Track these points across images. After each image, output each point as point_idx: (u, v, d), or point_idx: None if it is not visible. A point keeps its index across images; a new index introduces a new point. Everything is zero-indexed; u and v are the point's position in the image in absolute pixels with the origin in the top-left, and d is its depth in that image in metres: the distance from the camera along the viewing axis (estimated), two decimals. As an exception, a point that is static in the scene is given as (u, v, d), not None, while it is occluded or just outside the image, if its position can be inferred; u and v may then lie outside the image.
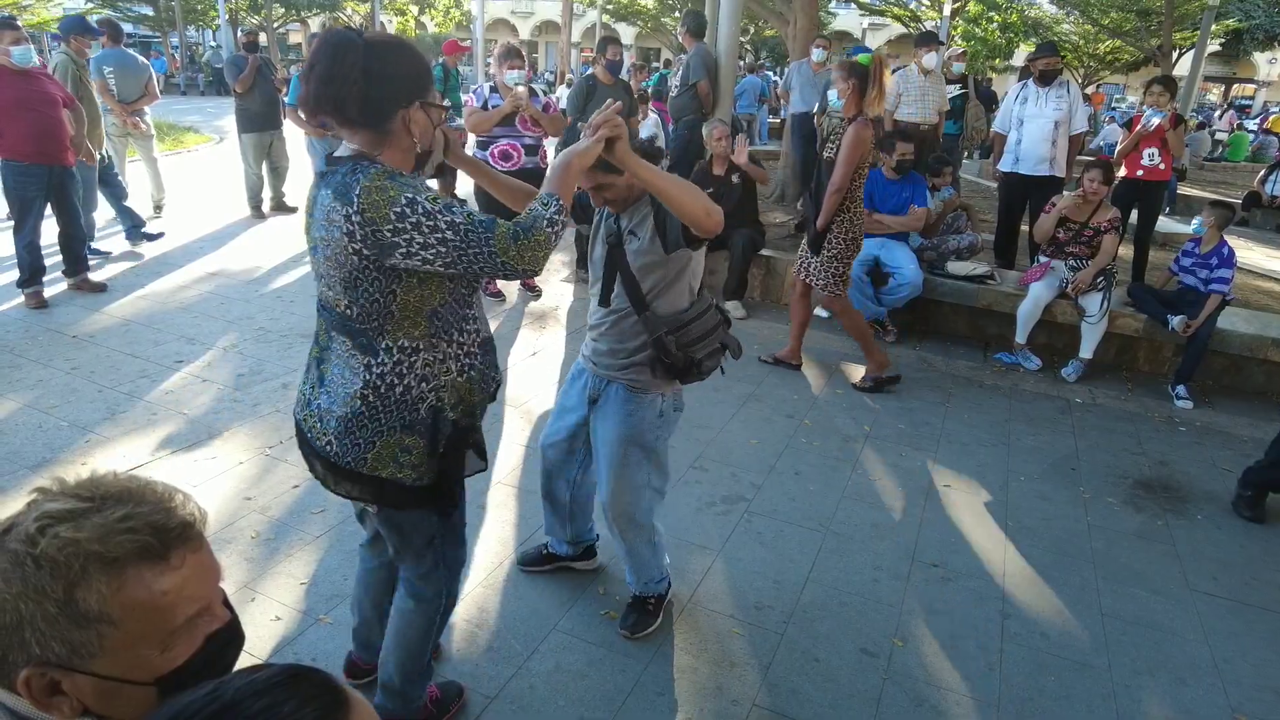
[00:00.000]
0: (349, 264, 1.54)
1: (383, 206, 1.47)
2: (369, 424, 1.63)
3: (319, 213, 1.56)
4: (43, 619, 0.76)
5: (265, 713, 0.60)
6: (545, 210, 1.58)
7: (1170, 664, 2.55)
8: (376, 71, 1.50)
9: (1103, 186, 4.83)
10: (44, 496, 0.81)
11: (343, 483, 1.70)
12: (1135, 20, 19.62)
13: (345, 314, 1.60)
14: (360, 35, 1.53)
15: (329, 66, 1.50)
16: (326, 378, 1.67)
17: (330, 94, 1.51)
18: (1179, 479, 3.78)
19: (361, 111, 1.52)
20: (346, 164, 1.55)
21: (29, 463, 3.19)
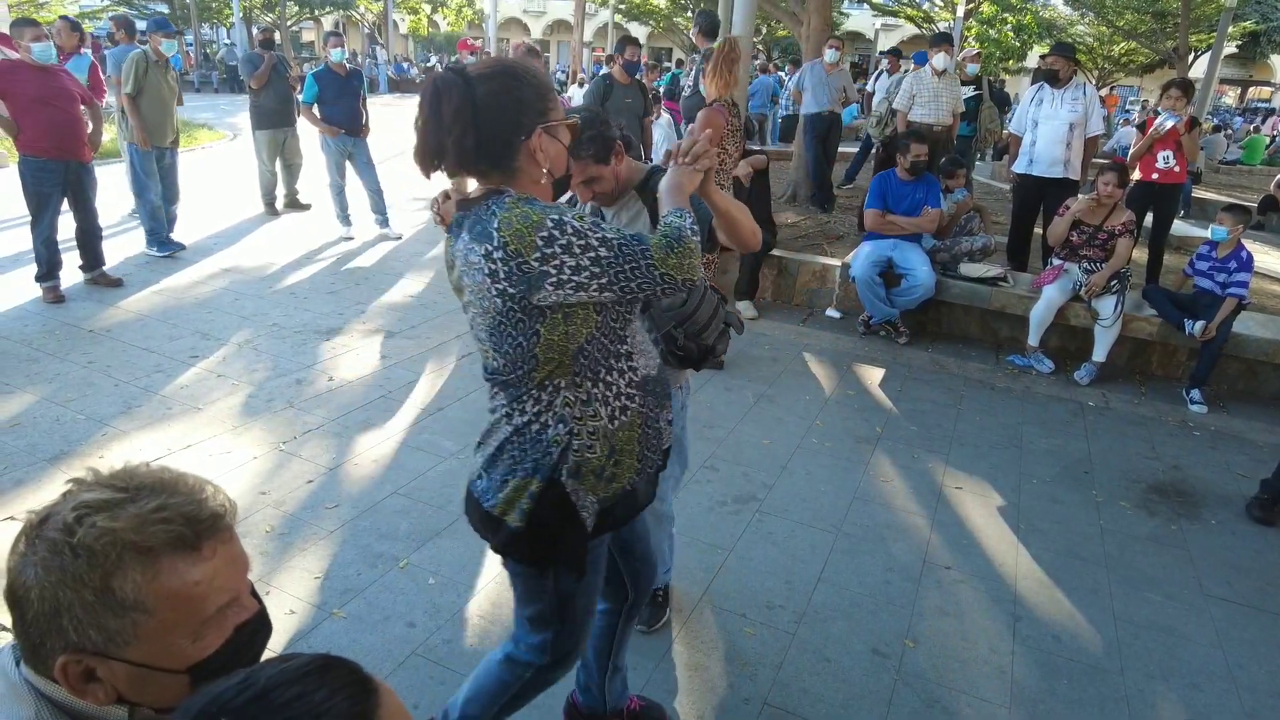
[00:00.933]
0: (493, 309, 1.41)
1: (527, 234, 1.34)
2: (505, 459, 1.53)
3: (460, 261, 1.45)
4: (80, 607, 0.77)
5: (297, 701, 0.61)
6: (683, 220, 1.47)
7: (1183, 669, 2.54)
8: (484, 107, 1.39)
9: (1117, 189, 4.81)
10: (80, 487, 0.82)
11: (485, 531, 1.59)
12: (1151, 22, 19.51)
13: (493, 365, 1.50)
14: (462, 73, 1.40)
15: (431, 115, 1.39)
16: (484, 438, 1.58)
17: (437, 145, 1.40)
18: (1193, 483, 3.77)
19: (479, 155, 1.41)
20: (481, 204, 1.43)
21: (47, 455, 3.22)
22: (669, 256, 1.40)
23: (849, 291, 5.60)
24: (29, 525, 0.81)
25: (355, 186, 7.11)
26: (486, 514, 1.56)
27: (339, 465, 3.32)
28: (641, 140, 6.13)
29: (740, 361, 4.81)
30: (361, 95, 7.03)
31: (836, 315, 5.75)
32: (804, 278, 5.96)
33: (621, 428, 1.55)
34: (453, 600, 2.57)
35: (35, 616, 0.79)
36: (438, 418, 3.80)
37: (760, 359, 4.89)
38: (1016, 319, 5.25)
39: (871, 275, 5.16)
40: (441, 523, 2.97)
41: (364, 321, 5.04)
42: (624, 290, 1.41)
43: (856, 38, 33.92)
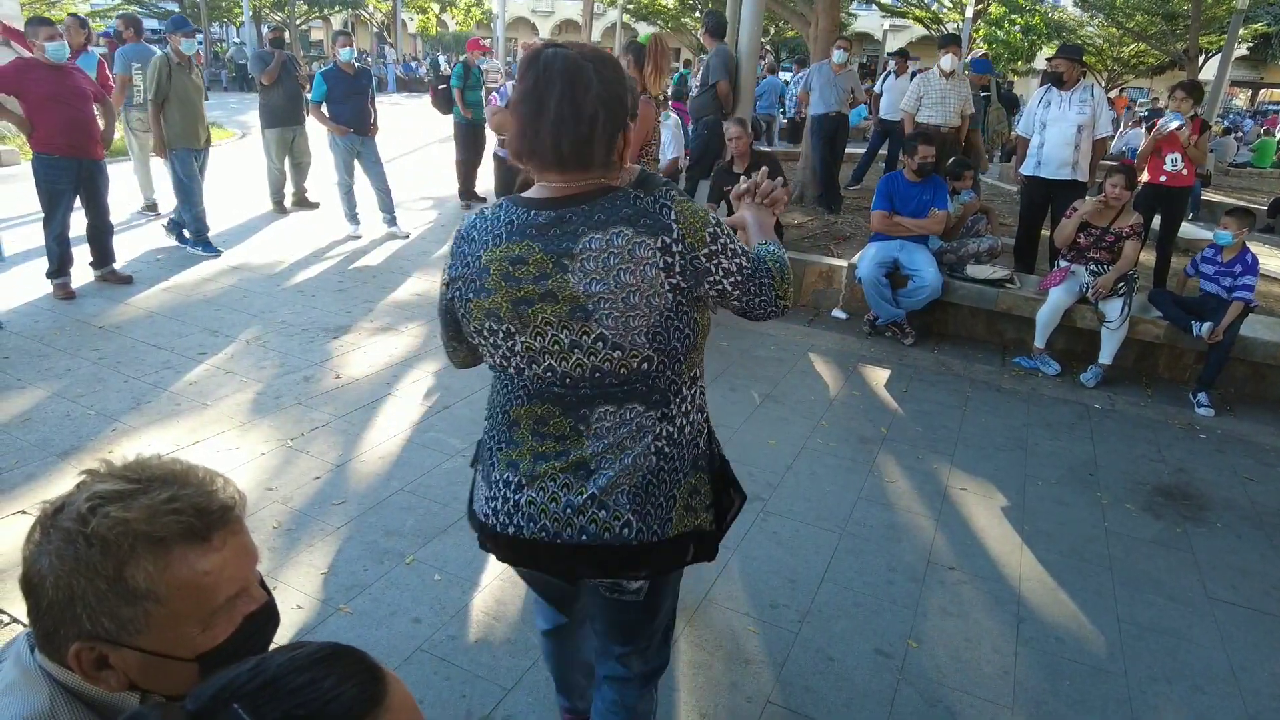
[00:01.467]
0: (662, 304, 1.32)
1: (699, 229, 1.33)
2: (667, 479, 1.43)
3: (596, 262, 1.29)
4: (94, 595, 0.79)
5: (307, 688, 0.62)
6: (782, 252, 1.52)
7: (1187, 671, 2.54)
8: (610, 97, 1.30)
9: (1125, 192, 4.80)
10: (93, 478, 0.84)
11: (644, 566, 1.46)
12: (1161, 23, 19.42)
13: (641, 370, 1.36)
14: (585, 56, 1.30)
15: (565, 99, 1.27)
16: (594, 462, 1.39)
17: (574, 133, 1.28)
18: (1199, 486, 3.76)
19: (605, 148, 1.32)
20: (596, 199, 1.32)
21: (57, 450, 3.25)
22: (784, 282, 1.45)
23: (855, 292, 5.61)
24: (44, 515, 0.83)
25: (363, 185, 7.15)
26: (646, 546, 1.42)
27: (346, 462, 3.34)
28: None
29: (745, 361, 4.82)
30: (370, 94, 7.06)
31: (842, 316, 5.75)
32: (810, 278, 5.96)
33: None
34: (458, 597, 2.59)
35: (50, 604, 0.80)
36: (444, 416, 3.82)
37: (765, 359, 4.90)
38: (1023, 321, 5.25)
39: (878, 276, 5.16)
40: (447, 519, 2.98)
41: (371, 320, 5.06)
42: (748, 303, 1.41)
43: (865, 39, 33.86)
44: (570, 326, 1.32)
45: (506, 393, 1.45)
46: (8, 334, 4.36)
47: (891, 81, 9.15)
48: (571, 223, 1.31)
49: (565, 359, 1.34)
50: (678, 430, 1.43)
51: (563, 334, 1.33)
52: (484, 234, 1.37)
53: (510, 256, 1.33)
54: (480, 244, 1.37)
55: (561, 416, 1.40)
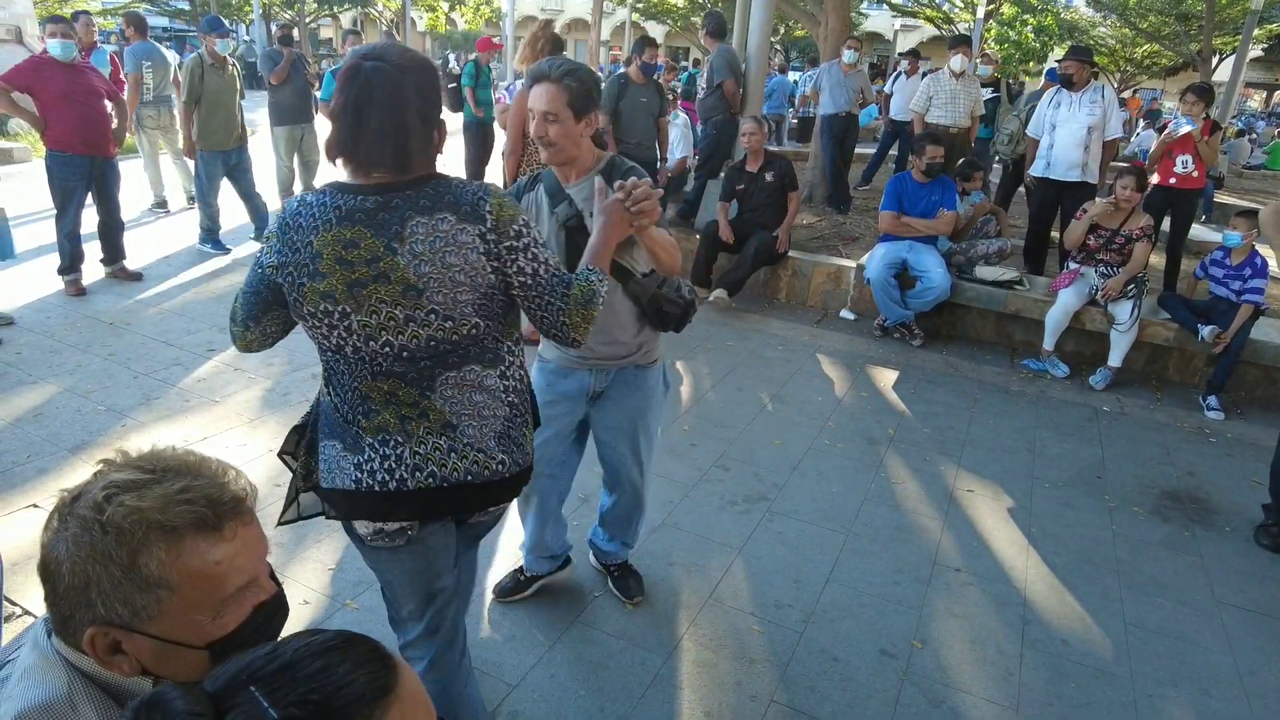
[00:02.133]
0: (485, 282, 1.46)
1: (507, 224, 1.45)
2: (518, 419, 1.63)
3: (424, 245, 1.40)
4: (108, 581, 0.80)
5: (320, 674, 0.64)
6: (600, 286, 1.57)
7: (1194, 675, 2.53)
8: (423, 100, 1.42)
9: (1135, 194, 4.78)
10: (109, 467, 0.85)
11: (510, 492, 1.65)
12: (1175, 24, 19.29)
13: (470, 336, 1.49)
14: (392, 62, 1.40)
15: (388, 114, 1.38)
16: (455, 419, 1.52)
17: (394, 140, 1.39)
18: (1207, 490, 3.74)
19: (423, 147, 1.44)
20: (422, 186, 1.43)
21: (68, 445, 3.28)
22: (577, 312, 1.52)
23: (864, 293, 5.60)
24: (62, 503, 0.84)
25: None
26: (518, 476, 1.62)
27: (354, 458, 3.35)
28: (657, 139, 6.14)
29: (753, 362, 4.82)
30: None
31: (851, 317, 5.74)
32: (819, 279, 5.96)
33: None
34: (464, 593, 2.60)
35: (66, 590, 0.82)
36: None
37: (773, 360, 4.89)
38: (1032, 323, 5.23)
39: (886, 277, 5.15)
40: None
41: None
42: (533, 312, 1.52)
43: (875, 38, 33.78)
44: (403, 303, 1.42)
45: (350, 373, 1.51)
46: (19, 330, 4.40)
47: (902, 82, 9.13)
48: (398, 208, 1.40)
49: (401, 333, 1.44)
50: (518, 380, 1.62)
51: (397, 310, 1.42)
52: (312, 220, 1.43)
53: (342, 241, 1.40)
54: (310, 230, 1.42)
55: (408, 388, 1.50)
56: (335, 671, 0.64)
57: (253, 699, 0.62)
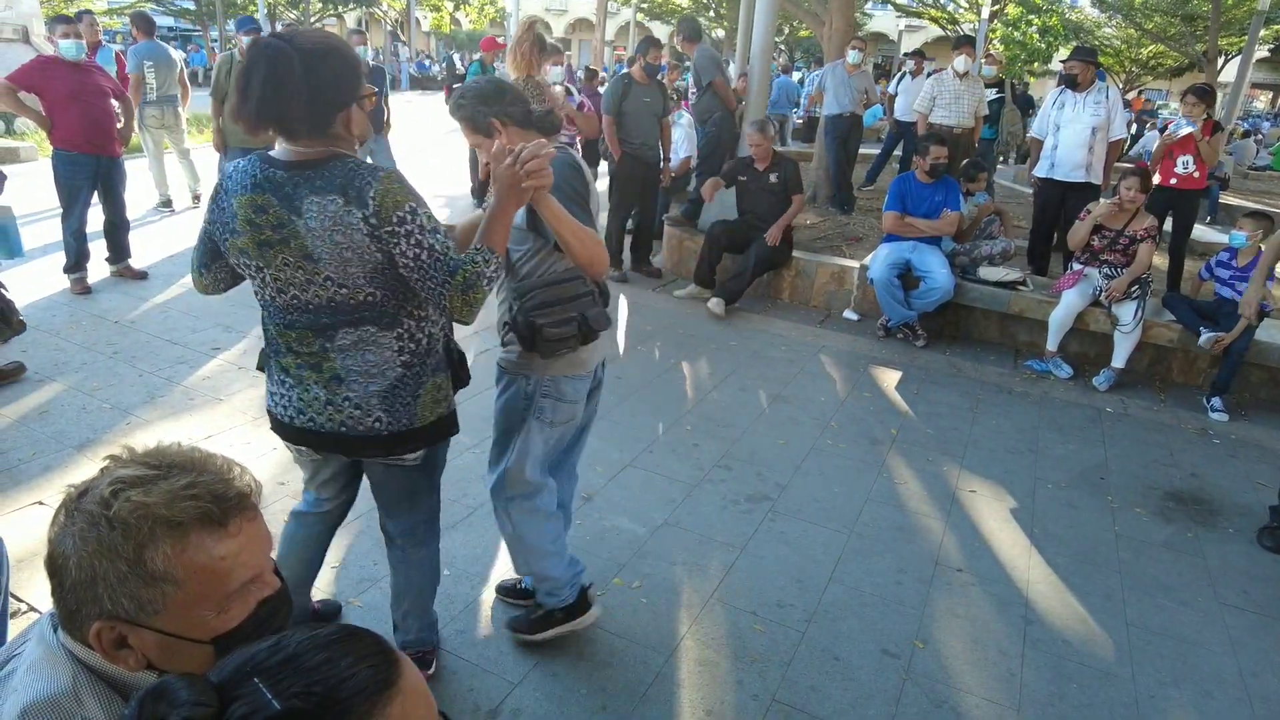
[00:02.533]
0: (373, 259, 1.61)
1: (391, 210, 1.57)
2: (411, 382, 1.77)
3: (317, 221, 1.57)
4: (115, 576, 0.81)
5: (323, 666, 0.64)
6: (486, 268, 1.64)
7: (1196, 676, 2.53)
8: (317, 81, 1.54)
9: (1140, 194, 4.77)
10: (116, 463, 0.86)
11: (396, 448, 1.83)
12: (1180, 25, 19.26)
13: (366, 302, 1.66)
14: (292, 42, 1.55)
15: (268, 79, 1.52)
16: (343, 373, 1.73)
17: (274, 108, 1.54)
18: (1211, 492, 3.74)
19: (309, 121, 1.57)
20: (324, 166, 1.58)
21: (74, 442, 3.30)
22: (458, 297, 1.61)
23: (867, 294, 5.60)
24: (69, 498, 0.85)
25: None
26: (397, 435, 1.80)
27: (357, 457, 3.36)
28: (660, 139, 6.15)
29: (756, 362, 4.82)
30: (383, 93, 7.11)
31: (854, 317, 5.74)
32: (822, 279, 5.96)
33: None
34: (466, 591, 2.61)
35: (73, 584, 0.83)
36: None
37: (776, 360, 4.90)
38: (1035, 323, 5.23)
39: (890, 277, 5.15)
40: (457, 515, 3.00)
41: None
42: (423, 291, 1.64)
43: (880, 39, 33.73)
44: (304, 267, 1.63)
45: (270, 319, 1.77)
46: (26, 328, 4.42)
47: (907, 82, 9.12)
48: (299, 185, 1.58)
49: (304, 291, 1.66)
50: (417, 344, 1.76)
51: (298, 273, 1.63)
52: (235, 185, 1.65)
53: (254, 205, 1.61)
54: (232, 194, 1.65)
55: (312, 338, 1.72)
56: (338, 664, 0.65)
57: (256, 690, 0.63)
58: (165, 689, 0.65)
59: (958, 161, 6.45)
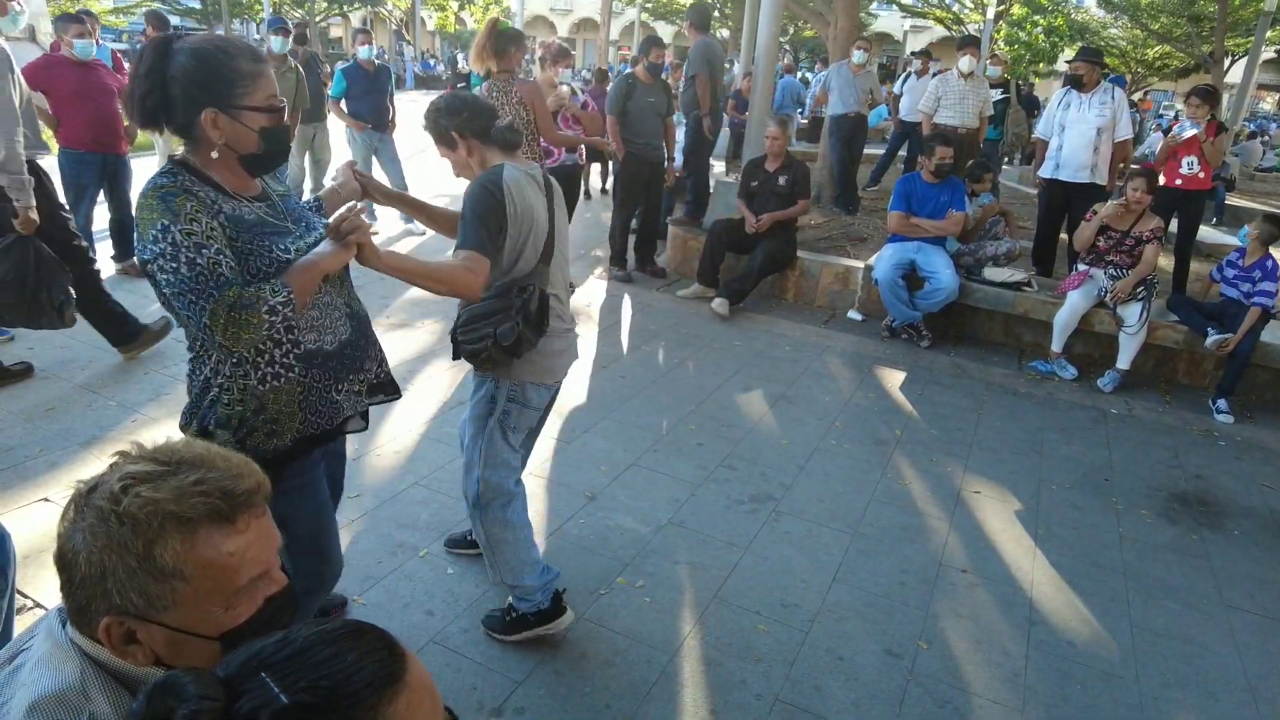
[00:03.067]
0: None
1: (145, 226, 1.53)
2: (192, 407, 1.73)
3: None
4: (124, 571, 0.82)
5: (330, 661, 0.65)
6: (272, 297, 1.55)
7: (1201, 678, 2.52)
8: (175, 76, 1.54)
9: (1146, 196, 4.76)
10: (125, 459, 0.87)
11: None
12: (1186, 26, 19.21)
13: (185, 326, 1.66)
14: (175, 39, 1.56)
15: (135, 70, 1.57)
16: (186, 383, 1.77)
17: (136, 98, 1.56)
18: (1216, 493, 3.73)
19: (165, 117, 1.58)
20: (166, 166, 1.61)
21: (80, 439, 3.31)
22: (222, 315, 1.50)
23: (871, 294, 5.59)
24: (78, 494, 0.86)
25: (381, 179, 7.18)
26: None
27: (361, 456, 3.37)
28: (665, 139, 6.14)
29: (760, 362, 4.82)
30: (389, 92, 7.13)
31: (858, 318, 5.74)
32: (826, 279, 5.95)
33: (273, 391, 1.69)
34: (470, 590, 2.61)
35: (82, 579, 0.83)
36: (458, 411, 3.84)
37: (780, 360, 4.90)
38: (1040, 324, 5.22)
39: (895, 277, 5.15)
40: (461, 513, 3.01)
41: (387, 315, 5.10)
42: (182, 310, 1.53)
43: (885, 39, 33.70)
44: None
45: None
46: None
47: (912, 82, 9.11)
48: None
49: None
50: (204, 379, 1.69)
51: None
52: None
53: None
54: None
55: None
56: (344, 659, 0.65)
57: (264, 684, 0.64)
58: (173, 683, 0.65)
59: (962, 162, 6.44)
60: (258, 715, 0.63)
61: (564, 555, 2.82)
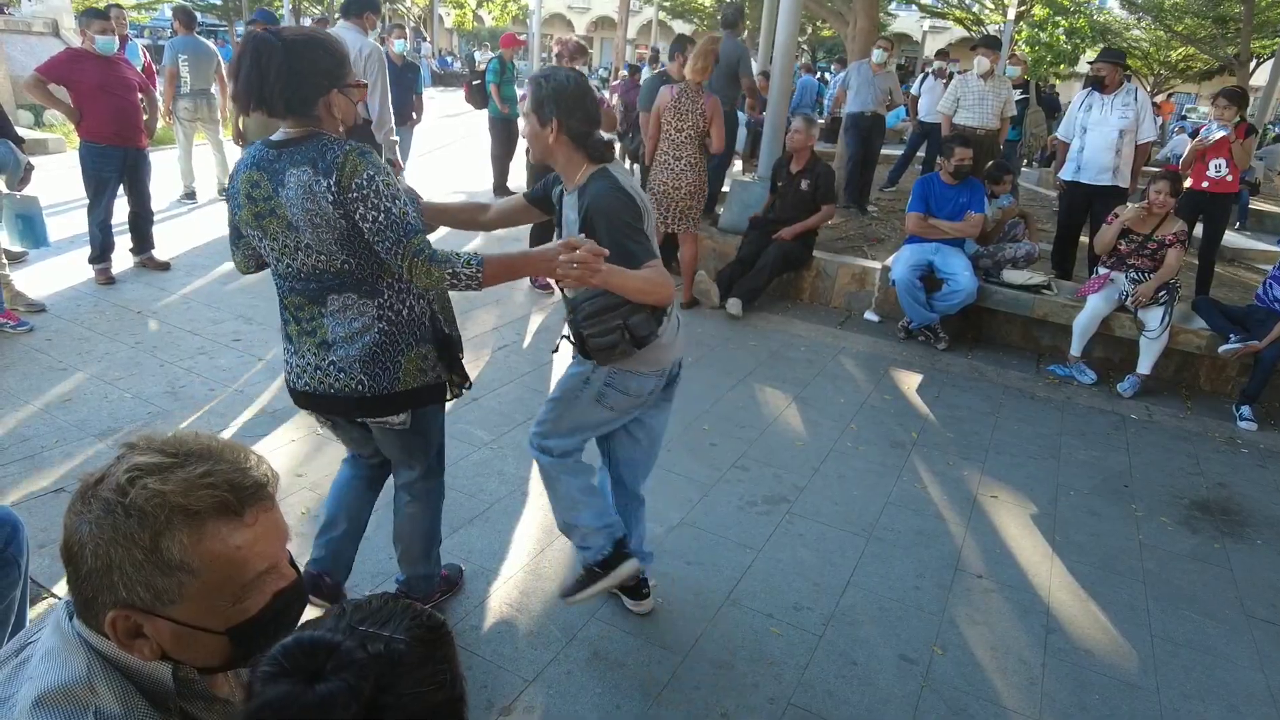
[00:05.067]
0: (339, 226, 1.77)
1: (351, 178, 1.73)
2: (390, 348, 1.92)
3: (293, 191, 1.76)
4: (130, 564, 0.80)
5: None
6: (462, 266, 1.78)
7: (1222, 690, 2.47)
8: (297, 68, 1.73)
9: (1170, 199, 4.69)
10: (133, 451, 0.85)
11: (381, 409, 1.98)
12: (1211, 27, 18.93)
13: (343, 269, 1.83)
14: (278, 36, 1.74)
15: (252, 68, 1.72)
16: (330, 337, 1.90)
17: (258, 92, 1.73)
18: (1239, 502, 3.66)
19: (288, 104, 1.76)
20: (304, 144, 1.77)
21: (95, 430, 3.33)
22: (413, 260, 1.75)
23: (888, 295, 5.54)
24: (85, 485, 0.84)
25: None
26: (378, 398, 1.94)
27: (375, 450, 3.37)
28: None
29: (775, 363, 4.79)
30: (416, 88, 7.20)
31: (875, 319, 5.69)
32: (843, 280, 5.91)
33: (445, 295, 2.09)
34: (482, 587, 2.60)
35: (89, 572, 0.82)
36: (473, 407, 3.84)
37: (796, 360, 4.86)
38: (1059, 328, 5.15)
39: (912, 279, 5.10)
40: (473, 510, 3.00)
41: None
42: (379, 248, 1.78)
43: (903, 39, 33.50)
44: (290, 236, 1.81)
45: (278, 289, 1.95)
46: (50, 317, 4.47)
47: (930, 83, 9.04)
48: (283, 160, 1.78)
49: (294, 259, 1.85)
50: (395, 313, 1.92)
51: (287, 242, 1.83)
52: (242, 165, 1.86)
53: (251, 181, 1.82)
54: (239, 173, 1.86)
55: (309, 305, 1.91)
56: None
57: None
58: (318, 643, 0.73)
59: (982, 163, 6.38)
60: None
61: (575, 553, 2.80)
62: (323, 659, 0.71)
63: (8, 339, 4.12)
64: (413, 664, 0.74)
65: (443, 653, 0.78)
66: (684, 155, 5.15)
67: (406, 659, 0.73)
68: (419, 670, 0.74)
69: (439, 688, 0.76)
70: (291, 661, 0.71)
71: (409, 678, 0.73)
